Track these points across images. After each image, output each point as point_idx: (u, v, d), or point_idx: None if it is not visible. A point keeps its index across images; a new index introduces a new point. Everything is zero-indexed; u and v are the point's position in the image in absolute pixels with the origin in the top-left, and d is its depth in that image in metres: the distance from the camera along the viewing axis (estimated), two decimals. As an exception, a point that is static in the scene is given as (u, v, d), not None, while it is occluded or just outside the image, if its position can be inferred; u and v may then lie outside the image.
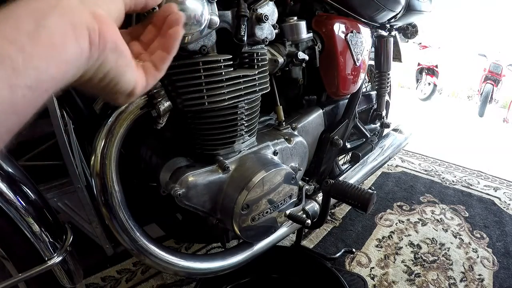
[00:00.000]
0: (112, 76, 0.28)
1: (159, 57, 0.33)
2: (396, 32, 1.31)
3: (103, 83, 0.28)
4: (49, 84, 0.22)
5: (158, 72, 0.34)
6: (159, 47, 0.33)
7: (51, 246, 0.59)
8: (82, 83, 0.27)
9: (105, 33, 0.26)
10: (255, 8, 0.63)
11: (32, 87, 0.21)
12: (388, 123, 1.41)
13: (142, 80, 0.32)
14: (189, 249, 1.28)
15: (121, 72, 0.29)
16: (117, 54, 0.28)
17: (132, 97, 0.32)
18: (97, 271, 1.14)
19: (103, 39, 0.26)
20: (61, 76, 0.23)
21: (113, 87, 0.29)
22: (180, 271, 0.70)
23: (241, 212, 0.67)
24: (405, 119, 2.00)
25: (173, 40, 0.33)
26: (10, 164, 0.57)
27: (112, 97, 0.31)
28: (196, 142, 0.68)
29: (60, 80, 0.23)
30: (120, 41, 0.28)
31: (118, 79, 0.29)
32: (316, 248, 1.30)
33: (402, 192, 1.79)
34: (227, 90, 0.61)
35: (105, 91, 0.30)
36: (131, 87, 0.31)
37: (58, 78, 0.23)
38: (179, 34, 0.33)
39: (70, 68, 0.24)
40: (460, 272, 1.24)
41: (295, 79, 0.89)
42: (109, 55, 0.27)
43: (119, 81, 0.29)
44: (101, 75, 0.28)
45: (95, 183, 0.57)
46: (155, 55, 0.33)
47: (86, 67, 0.26)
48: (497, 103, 5.08)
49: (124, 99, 0.32)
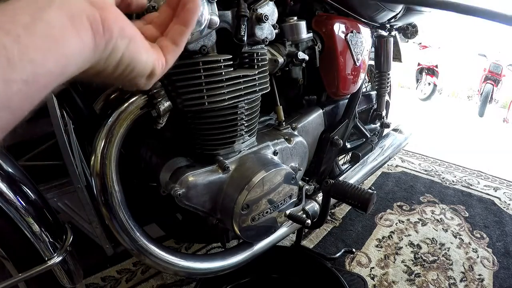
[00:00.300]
0: (127, 62, 0.27)
1: (178, 31, 0.32)
2: (396, 32, 1.31)
3: (119, 71, 0.28)
4: (47, 79, 0.22)
5: (177, 47, 0.33)
6: (176, 23, 0.32)
7: (51, 246, 0.59)
8: (95, 75, 0.27)
9: (108, 19, 0.25)
10: (255, 8, 0.63)
11: (29, 81, 0.20)
12: (388, 123, 1.41)
13: (161, 59, 0.31)
14: (189, 249, 1.28)
15: (136, 56, 0.28)
16: (127, 39, 0.27)
17: (154, 78, 0.32)
18: (97, 271, 1.14)
19: (107, 26, 0.25)
20: (60, 70, 0.22)
21: (130, 72, 0.29)
22: (180, 271, 0.70)
23: (241, 212, 0.67)
24: (405, 119, 2.00)
25: (192, 13, 0.32)
26: (10, 164, 0.57)
27: (132, 83, 0.30)
28: (196, 142, 0.68)
29: (59, 74, 0.22)
30: (126, 24, 0.27)
31: (134, 64, 0.28)
32: (316, 248, 1.30)
33: (402, 192, 1.79)
34: (227, 90, 0.61)
35: (123, 79, 0.29)
36: (149, 68, 0.30)
37: (56, 72, 0.22)
38: (197, 7, 0.32)
39: (71, 61, 0.23)
40: (460, 272, 1.24)
41: (295, 79, 0.89)
42: (118, 42, 0.26)
43: (136, 66, 0.28)
44: (114, 64, 0.27)
45: (95, 183, 0.57)
46: (174, 29, 0.32)
47: (94, 59, 0.25)
48: (497, 103, 5.08)
49: (145, 81, 0.31)
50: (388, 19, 1.17)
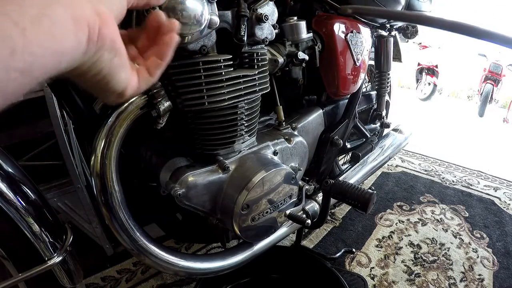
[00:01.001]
0: (105, 74, 0.29)
1: (154, 63, 0.34)
2: (396, 32, 1.31)
3: (96, 79, 0.29)
4: (40, 72, 0.23)
5: (151, 78, 0.34)
6: (153, 54, 0.34)
7: (51, 246, 0.59)
8: (75, 76, 0.28)
9: (104, 31, 0.26)
10: (255, 8, 0.63)
11: (25, 72, 0.21)
12: (388, 123, 1.41)
13: (134, 83, 0.33)
14: (189, 249, 1.28)
15: (115, 71, 0.29)
16: (113, 53, 0.28)
17: (122, 98, 0.33)
18: (97, 271, 1.14)
19: (102, 37, 0.26)
20: (53, 66, 0.24)
21: (105, 84, 0.30)
22: (180, 271, 0.70)
23: (241, 212, 0.67)
24: (405, 119, 2.00)
25: (167, 48, 0.33)
26: (10, 164, 0.57)
27: (102, 95, 0.32)
28: (196, 142, 0.68)
29: (51, 69, 0.24)
30: (118, 40, 0.28)
31: (110, 78, 0.29)
32: (316, 248, 1.30)
33: (402, 192, 1.79)
34: (227, 90, 0.61)
35: (96, 88, 0.30)
36: (122, 87, 0.31)
37: (49, 67, 0.23)
38: (173, 42, 0.34)
39: (64, 59, 0.24)
40: (460, 272, 1.24)
41: (295, 79, 0.89)
42: (105, 54, 0.27)
43: (111, 80, 0.30)
44: (94, 71, 0.28)
45: (95, 183, 0.57)
46: (150, 61, 0.34)
47: (81, 61, 0.26)
48: (497, 103, 5.08)
49: (114, 98, 0.32)
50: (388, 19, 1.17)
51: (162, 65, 0.34)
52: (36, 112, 0.91)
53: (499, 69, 4.61)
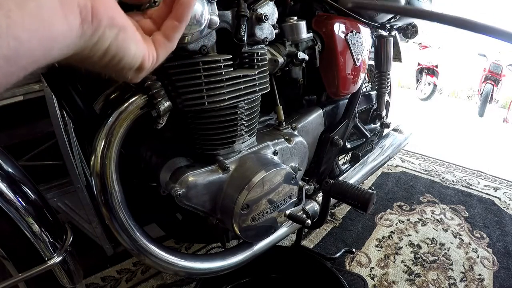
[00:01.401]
0: (114, 52, 0.27)
1: (171, 26, 0.32)
2: (396, 32, 1.31)
3: (105, 60, 0.27)
4: (28, 60, 0.21)
5: (169, 43, 0.33)
6: (170, 18, 0.32)
7: (51, 246, 0.59)
8: (80, 61, 0.27)
9: (98, 9, 0.25)
10: (255, 8, 0.63)
11: (10, 59, 0.20)
12: (388, 123, 1.41)
13: (151, 53, 0.31)
14: (189, 249, 1.28)
15: (124, 47, 0.28)
16: (116, 29, 0.26)
17: (142, 72, 0.31)
18: (97, 271, 1.14)
19: (96, 16, 0.25)
20: (42, 52, 0.22)
21: (117, 63, 0.28)
22: (180, 271, 0.70)
23: (241, 212, 0.67)
24: (405, 119, 2.00)
25: (185, 8, 0.32)
26: (10, 164, 0.57)
27: (120, 74, 0.30)
28: (196, 142, 0.68)
29: (41, 57, 0.22)
30: (118, 15, 0.27)
31: (122, 55, 0.28)
32: (316, 248, 1.30)
33: (402, 192, 1.79)
34: (227, 90, 0.61)
35: (110, 68, 0.29)
36: (138, 61, 0.30)
37: (39, 54, 0.22)
38: (192, 2, 0.32)
39: (55, 45, 0.23)
40: (460, 272, 1.24)
41: (295, 79, 0.89)
42: (106, 32, 0.26)
43: (123, 57, 0.28)
44: (100, 52, 0.27)
45: (95, 183, 0.57)
46: (167, 25, 0.32)
47: (79, 46, 0.25)
48: (497, 103, 5.08)
49: (134, 75, 0.31)
50: (388, 19, 1.17)
51: (179, 27, 0.32)
52: (36, 112, 0.91)
53: (499, 69, 4.61)
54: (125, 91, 0.59)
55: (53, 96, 0.86)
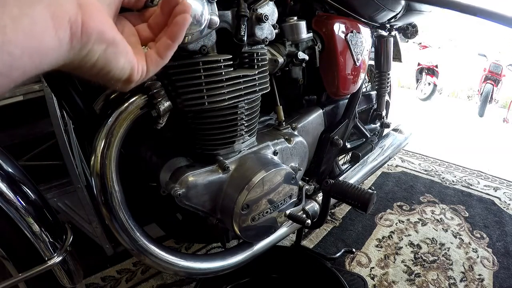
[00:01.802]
0: (103, 65, 0.28)
1: (164, 44, 0.33)
2: (396, 32, 1.31)
3: (94, 71, 0.28)
4: (19, 73, 0.22)
5: (161, 60, 0.33)
6: (164, 35, 0.33)
7: (51, 246, 0.59)
8: (70, 70, 0.27)
9: (88, 23, 0.25)
10: (255, 8, 0.63)
11: (3, 73, 0.21)
12: (388, 123, 1.41)
13: (141, 67, 0.31)
14: (189, 249, 1.28)
15: (112, 60, 0.28)
16: (105, 44, 0.27)
17: (130, 84, 0.32)
18: (97, 271, 1.14)
19: (86, 30, 0.25)
20: (33, 65, 0.23)
21: (106, 74, 0.29)
22: (180, 271, 0.70)
23: (241, 212, 0.67)
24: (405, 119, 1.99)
25: (180, 28, 0.32)
26: (10, 164, 0.57)
27: (109, 84, 0.31)
28: (196, 142, 0.68)
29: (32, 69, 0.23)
30: (109, 29, 0.27)
31: (109, 68, 0.28)
32: (316, 248, 1.30)
33: (402, 192, 1.79)
34: (227, 90, 0.61)
35: (99, 78, 0.30)
36: (126, 74, 0.30)
37: (30, 67, 0.22)
38: (185, 23, 0.32)
39: (44, 60, 0.23)
40: (460, 272, 1.24)
41: (295, 79, 0.89)
42: (94, 46, 0.26)
43: (112, 69, 0.29)
44: (89, 65, 0.27)
45: (95, 183, 0.57)
46: (160, 42, 0.33)
47: (68, 58, 0.25)
48: (497, 103, 5.08)
49: (122, 85, 0.31)
50: (388, 19, 1.17)
51: (172, 46, 0.33)
52: (36, 112, 0.91)
53: (499, 69, 4.61)
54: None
55: (53, 96, 0.86)
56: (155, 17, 0.34)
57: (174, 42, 0.33)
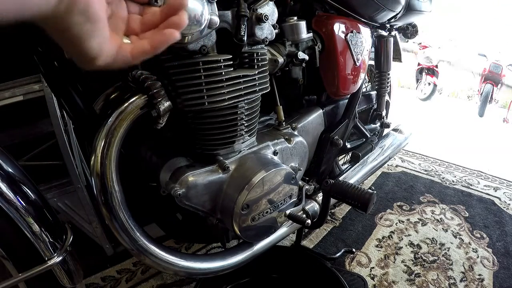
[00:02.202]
0: (74, 34, 0.28)
1: (142, 47, 0.32)
2: (396, 32, 1.31)
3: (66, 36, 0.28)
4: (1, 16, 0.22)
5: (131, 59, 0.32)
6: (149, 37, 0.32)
7: (51, 246, 0.59)
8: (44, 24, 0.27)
9: None
10: (255, 8, 0.63)
11: None
12: (388, 123, 1.41)
13: (109, 54, 0.31)
14: (189, 249, 1.28)
15: (85, 37, 0.28)
16: (84, 17, 0.27)
17: (93, 65, 0.31)
18: (97, 271, 1.14)
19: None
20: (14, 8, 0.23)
21: (71, 44, 0.29)
22: (180, 271, 0.70)
23: (241, 212, 0.67)
24: (405, 119, 1.99)
25: (164, 39, 0.32)
26: (10, 164, 0.57)
27: (75, 55, 0.30)
28: (196, 142, 0.68)
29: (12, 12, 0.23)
30: (96, 7, 0.27)
31: (81, 41, 0.28)
32: (316, 248, 1.30)
33: (402, 192, 1.79)
34: (227, 90, 0.61)
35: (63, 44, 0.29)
36: (91, 55, 0.30)
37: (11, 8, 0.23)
38: (172, 38, 0.32)
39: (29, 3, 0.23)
40: (460, 272, 1.24)
41: (295, 79, 0.89)
42: (75, 15, 0.26)
43: (80, 44, 0.28)
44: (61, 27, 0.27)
45: (95, 183, 0.57)
46: (140, 43, 0.32)
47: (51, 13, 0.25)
48: (497, 103, 5.08)
49: (86, 63, 0.31)
50: (388, 19, 1.17)
51: (148, 53, 0.32)
52: (36, 112, 0.91)
53: (499, 69, 4.61)
54: (125, 91, 0.59)
55: (53, 96, 0.86)
56: (151, 15, 0.34)
57: (152, 50, 0.32)
